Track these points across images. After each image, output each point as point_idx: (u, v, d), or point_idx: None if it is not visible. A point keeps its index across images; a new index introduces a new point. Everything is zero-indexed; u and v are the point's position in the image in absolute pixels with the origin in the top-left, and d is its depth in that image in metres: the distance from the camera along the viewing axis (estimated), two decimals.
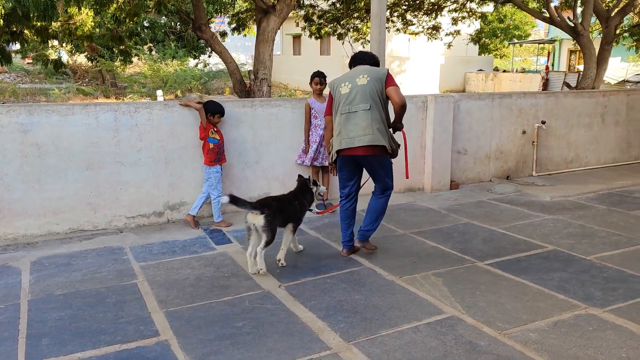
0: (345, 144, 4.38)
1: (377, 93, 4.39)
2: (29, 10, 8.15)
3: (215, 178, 5.48)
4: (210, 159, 5.45)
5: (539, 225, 5.57)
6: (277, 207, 4.31)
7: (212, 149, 5.44)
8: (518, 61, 39.90)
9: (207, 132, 5.43)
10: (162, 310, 3.68)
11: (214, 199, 5.52)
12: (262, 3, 10.01)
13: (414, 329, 3.39)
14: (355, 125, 4.36)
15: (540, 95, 7.99)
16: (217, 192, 5.51)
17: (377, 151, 4.42)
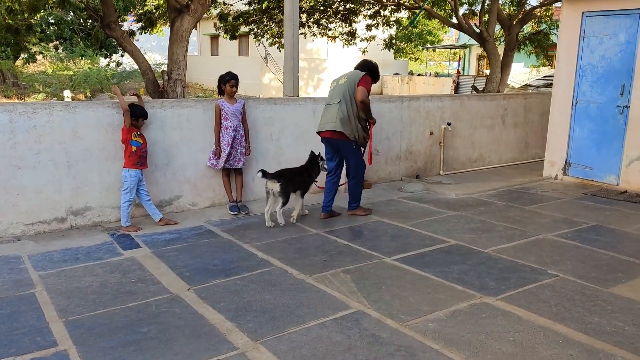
0: (319, 128, 5.92)
1: (348, 91, 5.70)
2: None
3: (132, 182, 5.34)
4: (132, 162, 5.32)
5: (444, 221, 5.88)
6: (289, 177, 5.67)
7: (135, 152, 5.33)
8: (432, 65, 41.66)
9: (130, 134, 5.31)
10: (62, 319, 3.54)
11: (124, 202, 5.36)
12: (175, 2, 9.80)
13: (321, 325, 3.49)
14: (327, 115, 5.81)
15: (446, 98, 8.42)
16: (128, 196, 5.35)
17: (337, 135, 5.72)
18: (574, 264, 4.57)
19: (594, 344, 3.25)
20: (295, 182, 5.74)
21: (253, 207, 6.28)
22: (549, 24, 15.32)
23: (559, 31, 7.84)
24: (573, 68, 7.59)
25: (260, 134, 6.53)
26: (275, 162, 6.68)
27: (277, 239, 5.25)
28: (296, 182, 5.75)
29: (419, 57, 39.94)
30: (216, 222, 5.75)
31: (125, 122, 5.31)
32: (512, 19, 13.44)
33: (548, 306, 3.75)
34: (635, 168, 7.10)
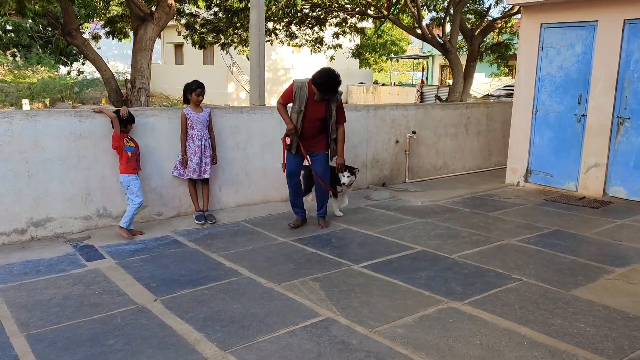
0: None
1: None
2: None
3: (136, 185, 5.43)
4: (132, 168, 5.40)
5: (410, 228, 5.96)
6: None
7: (131, 157, 5.39)
8: (397, 75, 42.28)
9: (121, 141, 5.34)
10: (23, 333, 3.43)
11: (134, 204, 5.43)
12: (138, 10, 9.69)
13: (290, 333, 3.48)
14: None
15: (411, 107, 8.55)
16: (138, 199, 5.44)
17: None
18: (537, 268, 4.69)
19: (557, 345, 3.35)
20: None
21: (220, 216, 6.23)
22: (510, 35, 15.79)
23: (519, 42, 8.09)
24: (533, 78, 7.83)
25: (227, 143, 6.49)
26: (242, 171, 6.66)
27: (245, 247, 5.22)
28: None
29: (383, 68, 40.50)
30: (182, 232, 5.68)
31: (115, 129, 5.33)
32: (474, 30, 13.81)
33: (513, 309, 3.84)
34: (593, 175, 7.37)
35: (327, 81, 5.36)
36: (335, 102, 5.64)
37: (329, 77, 5.35)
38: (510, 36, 15.90)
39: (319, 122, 5.65)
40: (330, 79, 5.36)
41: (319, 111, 5.61)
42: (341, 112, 5.78)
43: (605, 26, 7.05)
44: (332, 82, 5.37)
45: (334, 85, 5.42)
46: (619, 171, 7.17)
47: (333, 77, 5.37)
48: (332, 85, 5.40)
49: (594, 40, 7.19)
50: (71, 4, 10.08)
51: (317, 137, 5.73)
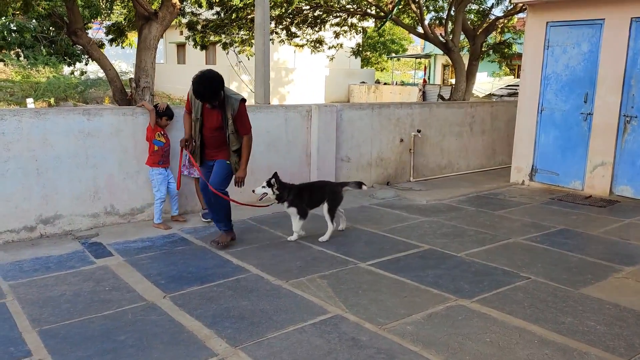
0: None
1: None
2: None
3: (158, 180, 5.62)
4: (154, 161, 5.59)
5: (416, 226, 5.96)
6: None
7: (157, 151, 5.58)
8: (398, 74, 42.26)
9: (153, 134, 5.54)
10: (35, 329, 3.45)
11: (156, 200, 5.61)
12: (143, 9, 9.72)
13: (300, 329, 3.49)
14: None
15: (416, 105, 8.56)
16: (159, 194, 5.62)
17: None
18: (545, 266, 4.70)
19: (568, 343, 3.35)
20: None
21: None
22: (512, 34, 15.79)
23: (524, 41, 8.09)
24: (538, 76, 7.83)
25: None
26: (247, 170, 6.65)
27: (252, 245, 5.23)
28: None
29: (384, 67, 40.49)
30: (189, 230, 5.69)
31: (150, 121, 5.57)
32: (476, 29, 13.82)
33: (522, 307, 3.84)
34: (599, 174, 7.37)
35: (197, 86, 4.64)
36: (232, 110, 4.85)
37: (200, 81, 4.63)
38: (513, 35, 15.91)
39: (216, 131, 4.96)
40: (200, 84, 4.63)
41: (215, 120, 4.92)
42: (240, 121, 4.92)
43: (612, 24, 7.05)
44: (201, 86, 4.63)
45: (204, 91, 4.65)
46: (625, 170, 7.16)
47: (203, 81, 4.63)
48: (202, 91, 4.64)
49: (600, 39, 7.18)
50: (76, 4, 10.10)
51: (220, 147, 5.02)
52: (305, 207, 5.32)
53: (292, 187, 5.32)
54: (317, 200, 5.41)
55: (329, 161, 7.23)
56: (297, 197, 5.27)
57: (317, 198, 5.41)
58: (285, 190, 5.24)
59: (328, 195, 5.41)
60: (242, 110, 4.95)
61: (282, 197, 5.23)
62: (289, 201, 5.24)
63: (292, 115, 7.00)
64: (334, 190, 5.53)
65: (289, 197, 5.23)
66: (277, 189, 5.19)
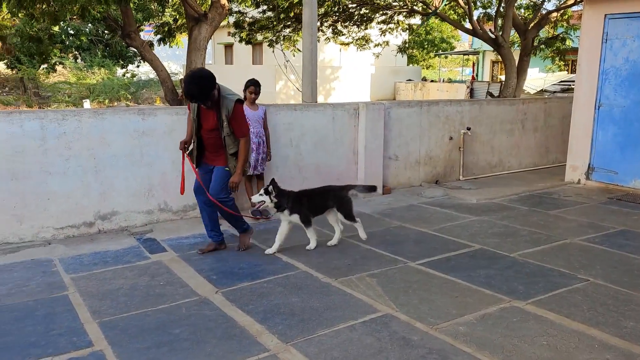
0: None
1: None
2: None
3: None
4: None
5: (466, 226, 5.85)
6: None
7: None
8: (445, 72, 41.55)
9: None
10: (96, 320, 3.59)
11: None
12: (193, 11, 9.94)
13: (350, 327, 3.49)
14: None
15: (465, 102, 8.40)
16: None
17: None
18: (604, 268, 4.52)
19: (631, 348, 3.21)
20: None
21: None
22: (566, 28, 15.24)
23: (581, 34, 7.79)
24: (595, 71, 7.53)
25: (281, 140, 6.56)
26: (295, 168, 6.72)
27: (300, 242, 5.24)
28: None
29: (431, 64, 39.91)
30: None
31: None
32: (527, 24, 13.41)
33: (580, 310, 3.71)
34: None
35: (187, 85, 4.47)
36: (226, 111, 4.61)
37: (189, 81, 4.47)
38: (566, 29, 15.35)
39: (212, 133, 4.74)
40: (189, 83, 4.45)
41: (211, 121, 4.70)
42: (235, 123, 4.66)
43: None
44: (190, 86, 4.44)
45: (193, 91, 4.44)
46: None
47: (192, 80, 4.45)
48: (191, 90, 4.44)
49: None
50: (130, 7, 10.43)
51: (218, 150, 4.79)
52: (307, 213, 4.98)
53: (291, 194, 4.96)
54: (319, 207, 5.08)
55: (377, 159, 7.19)
56: (297, 203, 4.91)
57: (319, 204, 5.07)
58: (284, 197, 4.87)
59: (335, 202, 5.07)
60: (238, 111, 4.66)
61: (281, 205, 4.85)
62: (289, 209, 4.88)
63: (339, 114, 7.00)
64: (339, 195, 5.14)
65: (288, 205, 4.87)
66: (275, 196, 4.81)
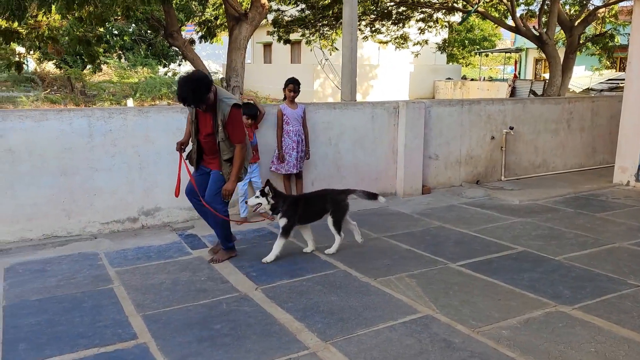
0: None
1: None
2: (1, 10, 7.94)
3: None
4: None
5: (509, 227, 5.73)
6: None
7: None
8: (485, 70, 40.78)
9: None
10: (140, 313, 3.68)
11: (238, 194, 5.83)
12: (233, 10, 10.05)
13: (390, 328, 3.46)
14: None
15: (508, 101, 8.22)
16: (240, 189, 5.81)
17: None
18: None
19: None
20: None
21: None
22: (614, 25, 14.73)
23: (631, 30, 7.50)
24: None
25: (319, 139, 6.57)
26: (334, 167, 6.72)
27: None
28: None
29: (471, 62, 39.22)
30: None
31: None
32: (573, 20, 13.03)
33: (630, 317, 3.58)
34: None
35: (179, 88, 4.30)
36: (222, 115, 4.38)
37: (181, 83, 4.29)
38: (615, 25, 14.82)
39: (209, 137, 4.55)
40: (181, 86, 4.27)
41: (208, 124, 4.52)
42: (231, 128, 4.43)
43: None
44: (182, 89, 4.26)
45: (185, 94, 4.23)
46: None
47: (184, 83, 4.26)
48: (182, 93, 4.25)
49: None
50: (173, 8, 10.63)
51: (215, 153, 4.60)
52: (294, 221, 4.73)
53: (288, 197, 4.87)
54: (317, 212, 4.88)
55: (416, 158, 7.11)
56: (291, 208, 4.71)
57: (316, 209, 4.88)
58: (281, 200, 4.71)
59: (331, 206, 4.86)
60: (234, 116, 4.41)
61: (276, 207, 4.69)
62: (282, 212, 4.69)
63: (379, 112, 6.96)
64: (336, 199, 4.92)
65: (282, 208, 4.69)
66: (272, 198, 4.66)
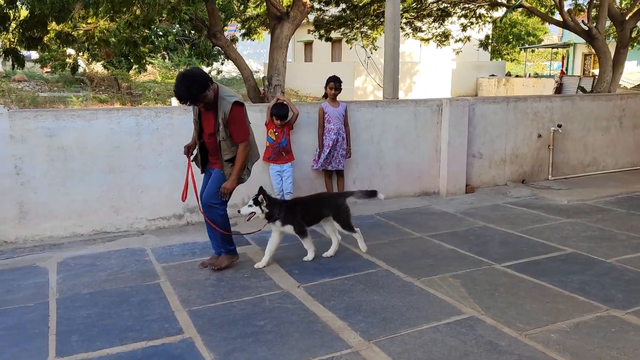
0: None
1: None
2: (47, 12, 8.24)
3: (272, 175, 5.88)
4: (265, 156, 5.82)
5: (557, 228, 5.56)
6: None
7: (268, 147, 5.84)
8: (530, 66, 39.72)
9: (267, 130, 5.84)
10: (185, 309, 3.75)
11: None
12: (275, 10, 10.12)
13: (434, 328, 3.42)
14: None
15: (556, 98, 7.98)
16: (272, 188, 5.87)
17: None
18: None
19: None
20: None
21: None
22: None
23: None
24: None
25: (361, 137, 6.54)
26: (375, 165, 6.68)
27: (381, 241, 5.22)
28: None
29: (516, 59, 38.23)
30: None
31: (266, 119, 5.85)
32: (624, 14, 12.52)
33: None
34: None
35: (175, 85, 4.14)
36: (222, 114, 4.22)
37: (177, 80, 4.14)
38: None
39: (211, 137, 4.38)
40: (177, 83, 4.11)
41: (210, 123, 4.36)
42: (233, 126, 4.26)
43: None
44: (177, 86, 4.10)
45: (179, 91, 4.08)
46: None
47: (180, 80, 4.09)
48: (177, 91, 4.11)
49: None
50: (216, 8, 10.78)
51: (218, 154, 4.41)
52: (301, 223, 4.58)
53: (283, 203, 4.65)
54: (314, 216, 4.68)
55: (460, 157, 6.99)
56: (290, 213, 4.53)
57: (314, 213, 4.68)
58: (276, 207, 4.50)
59: (331, 211, 4.66)
60: (236, 114, 4.23)
61: (272, 215, 4.47)
62: (281, 219, 4.49)
63: (421, 110, 6.88)
64: (335, 203, 4.74)
65: (280, 215, 4.48)
66: (266, 206, 4.44)
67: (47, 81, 27.22)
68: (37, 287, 4.17)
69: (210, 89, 4.15)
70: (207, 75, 4.17)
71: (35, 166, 5.05)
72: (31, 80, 26.58)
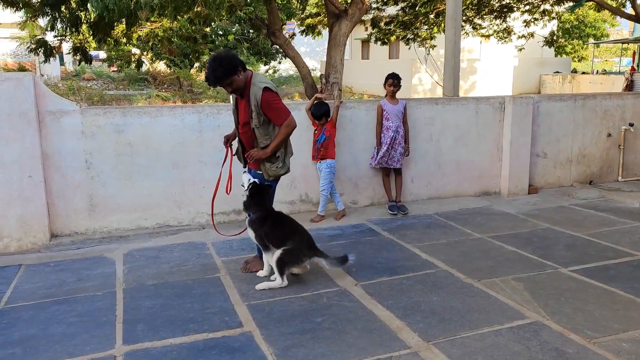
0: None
1: None
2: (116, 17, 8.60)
3: (319, 172, 5.88)
4: (312, 154, 5.92)
5: (628, 232, 5.29)
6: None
7: (314, 145, 5.88)
8: (598, 63, 37.92)
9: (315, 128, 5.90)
10: (245, 303, 3.81)
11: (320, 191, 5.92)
12: (334, 7, 10.12)
13: (496, 332, 3.32)
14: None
15: (628, 96, 7.57)
16: (320, 186, 5.88)
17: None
18: None
19: None
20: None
21: (411, 207, 6.21)
22: None
23: None
24: None
25: (420, 135, 6.44)
26: (434, 164, 6.56)
27: (439, 241, 5.13)
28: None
29: (583, 56, 36.55)
30: (376, 221, 5.79)
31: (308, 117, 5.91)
32: None
33: None
34: None
35: (207, 69, 4.01)
36: (255, 100, 4.00)
37: (208, 63, 3.99)
38: None
39: (245, 126, 4.18)
40: (208, 66, 3.99)
41: (244, 113, 4.15)
42: (271, 112, 4.05)
43: None
44: (207, 69, 3.98)
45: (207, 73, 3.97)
46: None
47: (210, 63, 3.96)
48: (207, 73, 4.01)
49: None
50: (275, 7, 10.91)
51: (253, 144, 4.22)
52: (264, 237, 4.11)
53: (262, 209, 4.17)
54: (278, 239, 4.08)
55: (523, 156, 6.76)
56: (259, 221, 4.14)
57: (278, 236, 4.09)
58: (254, 205, 4.14)
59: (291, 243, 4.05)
60: (268, 98, 4.02)
61: (248, 207, 4.18)
62: (249, 220, 4.20)
63: (483, 108, 6.70)
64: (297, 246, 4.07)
65: (250, 215, 4.19)
66: (248, 196, 4.13)
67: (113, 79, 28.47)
68: (105, 277, 4.36)
69: (241, 74, 3.98)
70: (236, 59, 3.97)
71: (104, 161, 5.28)
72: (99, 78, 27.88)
